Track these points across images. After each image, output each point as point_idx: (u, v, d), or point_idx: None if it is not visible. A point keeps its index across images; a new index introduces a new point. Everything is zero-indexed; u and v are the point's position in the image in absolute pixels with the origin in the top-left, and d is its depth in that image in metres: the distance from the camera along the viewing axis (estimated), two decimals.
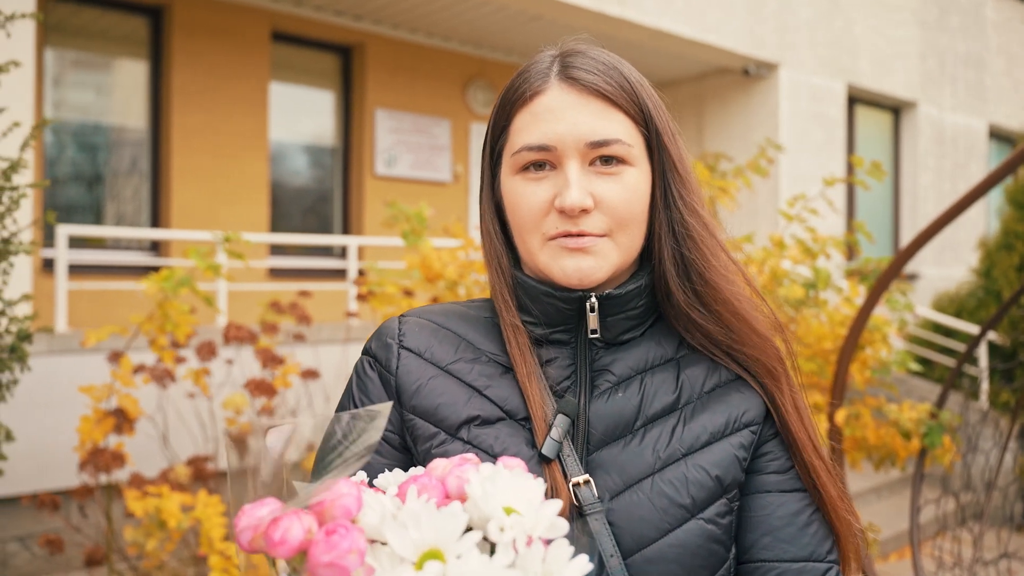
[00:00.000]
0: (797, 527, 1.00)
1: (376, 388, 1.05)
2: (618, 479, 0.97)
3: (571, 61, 1.01)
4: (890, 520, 5.71)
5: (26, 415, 4.25)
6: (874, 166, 3.91)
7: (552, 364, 1.03)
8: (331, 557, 0.66)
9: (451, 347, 1.05)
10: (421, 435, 1.00)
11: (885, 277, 3.15)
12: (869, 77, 9.39)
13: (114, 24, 6.88)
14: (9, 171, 2.25)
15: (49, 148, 6.64)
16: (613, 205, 0.99)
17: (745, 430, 1.01)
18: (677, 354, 1.05)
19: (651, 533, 0.95)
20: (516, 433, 0.99)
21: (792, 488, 1.01)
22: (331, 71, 8.02)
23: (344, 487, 0.72)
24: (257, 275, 7.08)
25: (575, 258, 0.99)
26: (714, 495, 0.97)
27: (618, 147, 0.99)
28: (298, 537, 0.68)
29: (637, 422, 1.00)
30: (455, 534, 0.68)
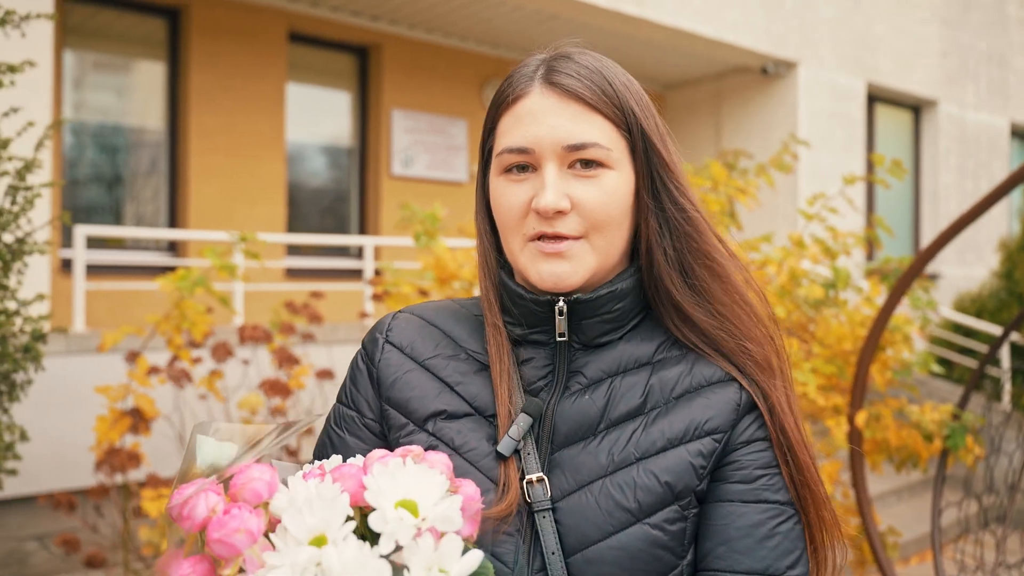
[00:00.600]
0: (755, 539, 0.99)
1: (363, 379, 1.11)
2: (571, 479, 0.99)
3: (555, 66, 1.04)
4: (911, 523, 5.64)
5: (44, 415, 4.27)
6: (894, 164, 3.86)
7: (529, 364, 1.06)
8: (220, 535, 0.74)
9: (432, 343, 1.10)
10: (393, 424, 1.06)
11: (907, 276, 3.10)
12: (889, 75, 9.31)
13: (132, 25, 6.92)
14: (23, 171, 2.25)
15: (69, 149, 6.68)
16: (590, 207, 1.00)
17: (707, 438, 1.01)
18: (654, 358, 1.06)
19: (594, 534, 0.96)
20: (480, 429, 1.02)
21: (756, 499, 1.00)
22: (348, 71, 8.03)
23: (257, 471, 0.79)
24: (274, 275, 7.09)
25: (550, 263, 1.01)
26: (663, 501, 0.98)
27: (596, 151, 1.00)
28: (202, 514, 0.76)
29: (600, 425, 1.02)
30: (338, 521, 0.74)
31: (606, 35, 7.68)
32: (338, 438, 1.10)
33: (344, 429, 1.10)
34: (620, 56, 4.24)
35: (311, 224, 7.84)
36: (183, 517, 0.76)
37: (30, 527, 4.37)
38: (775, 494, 1.01)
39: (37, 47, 4.54)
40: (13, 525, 4.36)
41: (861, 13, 8.99)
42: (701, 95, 9.31)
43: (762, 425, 1.03)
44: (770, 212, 7.53)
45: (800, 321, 3.73)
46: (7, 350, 2.27)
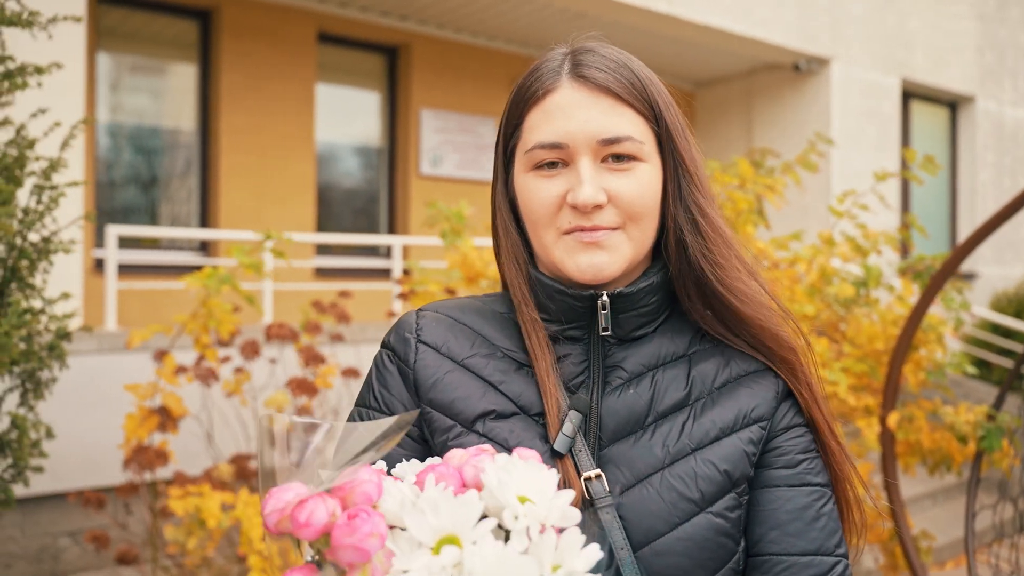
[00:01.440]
0: (805, 521, 1.02)
1: (395, 381, 1.08)
2: (628, 474, 1.00)
3: (582, 59, 1.03)
4: (946, 526, 5.55)
5: (75, 413, 4.32)
6: (927, 160, 3.79)
7: (565, 360, 1.06)
8: (353, 540, 0.69)
9: (467, 342, 1.08)
10: (438, 427, 1.03)
11: (940, 275, 3.04)
12: (925, 71, 9.16)
13: (164, 28, 6.99)
14: (49, 170, 2.27)
15: (105, 151, 6.77)
16: (627, 200, 1.01)
17: (754, 425, 1.03)
18: (689, 350, 1.07)
19: (660, 526, 0.97)
20: (530, 428, 1.01)
21: (800, 483, 1.03)
22: (377, 71, 8.06)
23: (365, 474, 0.75)
24: (303, 275, 7.14)
25: (589, 253, 1.01)
26: (723, 489, 1.00)
27: (629, 144, 1.01)
28: (322, 520, 0.71)
29: (648, 418, 1.02)
30: (471, 521, 0.71)
31: (635, 32, 7.64)
32: None
33: None
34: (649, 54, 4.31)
35: (340, 224, 7.88)
36: (299, 524, 0.71)
37: (62, 523, 4.43)
38: (816, 476, 1.05)
39: (69, 49, 4.60)
40: (46, 521, 4.42)
41: (894, 8, 8.86)
42: (732, 93, 9.22)
43: (799, 411, 1.07)
44: (801, 210, 7.43)
45: (831, 320, 3.68)
46: (32, 348, 2.29)
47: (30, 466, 2.41)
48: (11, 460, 2.37)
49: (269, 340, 3.36)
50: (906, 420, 3.33)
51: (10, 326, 2.02)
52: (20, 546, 4.36)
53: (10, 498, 2.37)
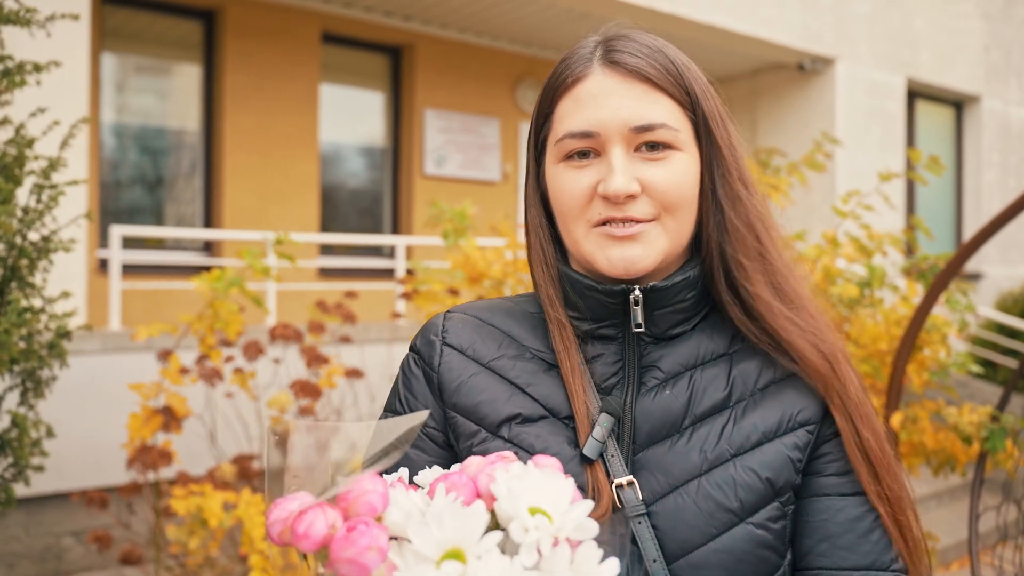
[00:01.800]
0: (857, 533, 0.94)
1: (420, 385, 1.04)
2: (663, 481, 0.93)
3: (614, 45, 0.99)
4: (951, 527, 5.52)
5: (80, 412, 4.33)
6: (932, 160, 3.77)
7: (598, 361, 1.00)
8: (350, 553, 0.67)
9: (494, 343, 1.03)
10: (463, 432, 0.99)
11: (944, 275, 3.03)
12: (930, 71, 9.13)
13: (169, 28, 7.00)
14: (48, 169, 2.27)
15: (109, 151, 6.78)
16: (661, 189, 0.95)
17: (800, 429, 0.96)
18: (730, 349, 1.00)
19: (696, 538, 0.91)
20: (558, 432, 0.96)
21: (853, 491, 0.96)
22: (380, 71, 8.06)
23: (369, 483, 0.72)
24: (307, 275, 7.14)
25: (621, 247, 0.95)
26: (765, 498, 0.93)
27: (663, 132, 0.95)
28: (321, 532, 0.68)
29: (685, 421, 0.96)
30: (476, 534, 0.67)
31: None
32: None
33: None
34: None
35: (344, 224, 7.88)
36: (299, 536, 0.69)
37: (67, 523, 4.43)
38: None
39: (72, 49, 4.61)
40: (50, 521, 4.43)
41: (899, 8, 8.83)
42: (736, 93, 9.21)
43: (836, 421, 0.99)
44: (806, 210, 7.42)
45: (835, 320, 3.67)
46: (32, 347, 2.29)
47: (31, 465, 2.41)
48: (12, 459, 2.37)
49: (273, 341, 3.36)
50: (910, 421, 3.31)
51: (9, 324, 2.02)
52: (24, 545, 4.36)
53: (11, 497, 2.37)
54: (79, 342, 4.42)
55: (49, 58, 2.43)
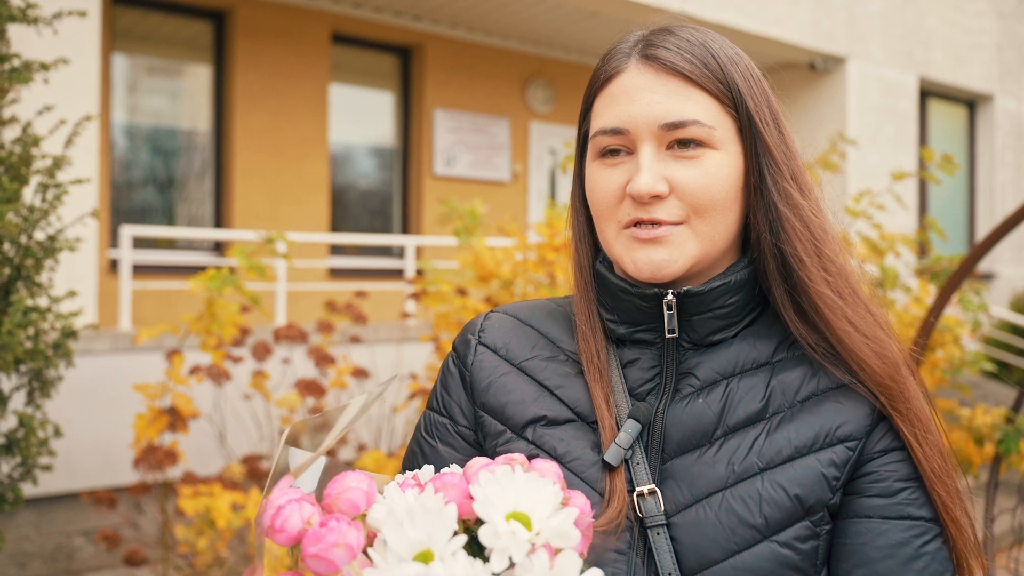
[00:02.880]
0: (899, 560, 0.87)
1: (455, 383, 1.03)
2: (687, 492, 0.90)
3: (654, 40, 0.95)
4: None
5: (90, 412, 4.34)
6: (945, 159, 3.74)
7: (634, 365, 0.97)
8: (317, 549, 0.67)
9: (528, 344, 1.01)
10: (489, 432, 0.98)
11: (956, 276, 3.00)
12: (943, 69, 9.07)
13: (179, 29, 7.02)
14: (53, 168, 2.27)
15: (120, 151, 6.80)
16: (690, 191, 0.91)
17: (840, 445, 0.90)
18: (773, 358, 0.96)
19: (716, 553, 0.87)
20: (583, 436, 0.94)
21: (899, 515, 0.89)
22: (390, 72, 8.06)
23: (353, 480, 0.72)
24: (317, 275, 7.15)
25: (647, 250, 0.92)
26: (792, 516, 0.88)
27: (696, 129, 0.91)
28: (296, 526, 0.69)
29: (717, 431, 0.92)
30: (445, 536, 0.66)
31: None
32: (430, 447, 1.01)
33: (436, 438, 1.01)
34: None
35: (354, 224, 7.88)
36: (275, 530, 0.69)
37: (77, 522, 4.44)
38: (919, 509, 0.90)
39: (82, 49, 4.62)
40: (61, 520, 4.44)
41: (912, 6, 8.78)
42: None
43: (900, 433, 0.92)
44: None
45: None
46: (38, 347, 2.29)
47: (39, 465, 2.41)
48: (19, 459, 2.37)
49: (278, 341, 3.36)
50: None
51: (14, 324, 2.02)
52: (35, 545, 4.38)
53: (19, 497, 2.37)
54: (89, 342, 4.43)
55: (63, 57, 2.43)
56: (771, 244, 0.94)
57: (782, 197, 0.94)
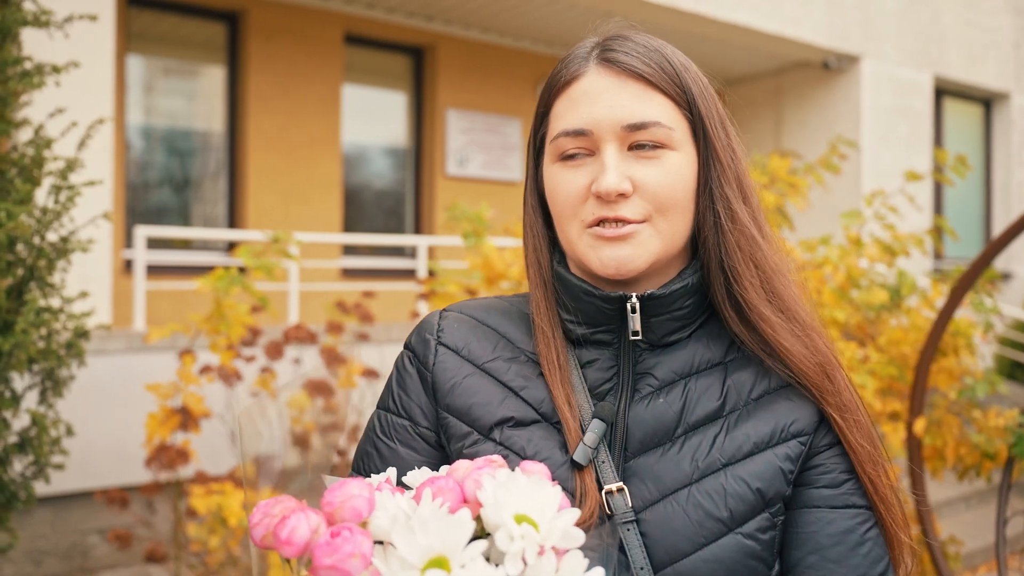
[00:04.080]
0: (847, 546, 0.94)
1: (414, 384, 1.03)
2: (654, 488, 0.93)
3: (610, 44, 0.99)
4: (980, 531, 5.45)
5: (105, 411, 4.37)
6: (958, 160, 3.72)
7: (593, 366, 1.00)
8: (333, 560, 0.66)
9: (489, 345, 1.03)
10: (454, 434, 0.98)
11: (967, 277, 2.98)
12: (958, 68, 9.01)
13: (193, 30, 7.06)
14: (66, 170, 2.30)
15: (135, 152, 6.85)
16: (653, 189, 0.95)
17: (793, 440, 0.96)
18: (726, 358, 1.00)
19: (685, 546, 0.91)
20: (550, 436, 0.96)
21: (844, 504, 0.96)
22: (403, 72, 8.08)
23: (356, 488, 0.71)
24: (330, 275, 7.17)
25: (612, 247, 0.95)
26: (755, 509, 0.93)
27: (657, 130, 0.95)
28: (304, 537, 0.68)
29: (678, 429, 0.96)
30: (461, 542, 0.66)
31: (661, 31, 7.50)
32: (388, 449, 1.01)
33: (396, 440, 1.01)
34: None
35: (367, 224, 7.90)
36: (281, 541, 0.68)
37: (92, 521, 4.48)
38: (862, 498, 0.97)
39: (96, 51, 4.65)
40: (75, 518, 4.48)
41: (927, 4, 8.72)
42: (761, 91, 9.13)
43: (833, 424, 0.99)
44: (830, 212, 7.33)
45: (859, 324, 3.62)
46: (51, 347, 2.32)
47: (51, 464, 2.43)
48: (32, 457, 2.40)
49: (287, 342, 3.38)
50: (934, 425, 3.27)
51: (27, 324, 2.04)
52: (50, 543, 4.42)
53: (31, 495, 2.40)
54: (104, 342, 4.47)
55: (75, 60, 2.45)
56: (714, 247, 0.98)
57: (724, 201, 0.98)
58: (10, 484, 2.33)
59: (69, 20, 2.25)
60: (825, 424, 0.98)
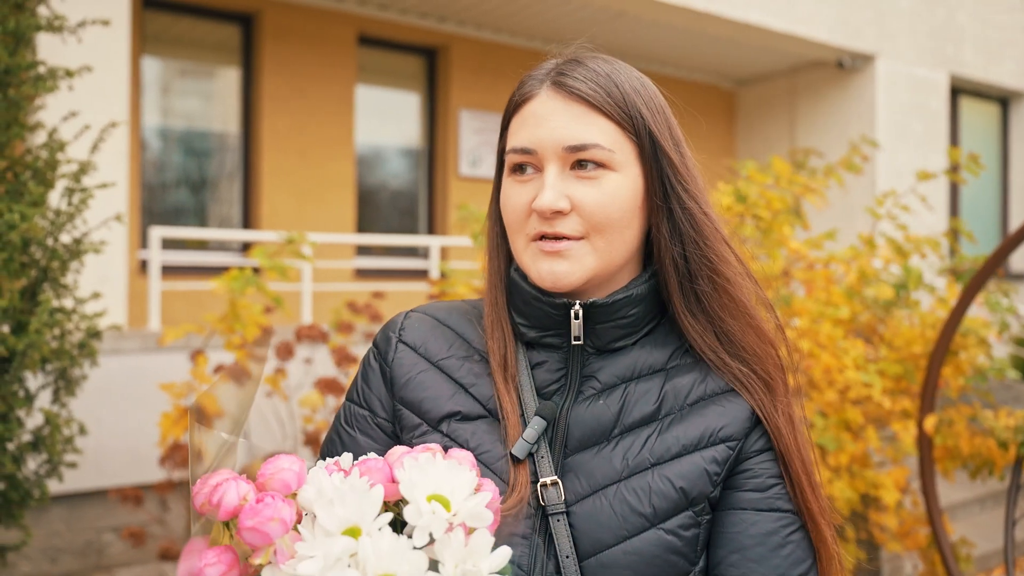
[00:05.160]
0: (768, 547, 0.99)
1: (375, 377, 1.10)
2: (586, 484, 0.99)
3: (564, 69, 1.04)
4: (993, 532, 5.42)
5: (120, 410, 4.41)
6: (971, 159, 3.70)
7: (542, 367, 1.06)
8: (254, 523, 0.73)
9: (445, 343, 1.10)
10: (407, 425, 1.05)
11: (980, 275, 2.97)
12: (974, 66, 8.95)
13: (208, 32, 7.11)
14: (79, 173, 2.33)
15: (151, 154, 6.91)
16: (589, 209, 1.00)
17: (721, 445, 1.01)
18: (667, 364, 1.06)
19: (608, 539, 0.97)
20: (494, 431, 1.02)
21: (769, 508, 1.01)
22: (416, 73, 8.10)
23: (286, 462, 0.79)
24: (344, 275, 7.21)
25: (549, 261, 1.01)
26: (678, 507, 0.98)
27: (596, 152, 1.00)
28: (233, 502, 0.75)
29: (614, 430, 1.02)
30: (372, 513, 0.74)
31: (674, 31, 7.57)
32: (349, 437, 1.09)
33: (356, 428, 1.09)
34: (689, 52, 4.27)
35: (381, 224, 7.94)
36: (212, 504, 0.75)
37: (107, 519, 4.53)
38: (787, 503, 1.02)
39: (112, 54, 4.70)
40: (91, 516, 4.52)
41: (942, 2, 8.67)
42: (774, 91, 9.10)
43: (772, 431, 1.04)
44: (845, 211, 7.31)
45: (869, 322, 3.61)
46: (63, 347, 2.35)
47: (64, 462, 2.47)
48: (45, 456, 2.43)
49: (299, 341, 3.40)
50: (945, 424, 3.25)
51: (41, 324, 2.08)
52: (66, 540, 4.46)
53: (45, 493, 2.43)
54: (119, 342, 4.51)
55: (90, 63, 2.48)
56: (673, 256, 1.04)
57: (683, 216, 1.04)
58: (24, 482, 2.37)
59: (82, 25, 2.29)
60: (756, 431, 1.03)
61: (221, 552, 0.77)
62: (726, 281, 1.04)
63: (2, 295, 2.04)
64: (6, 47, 2.12)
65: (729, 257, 1.05)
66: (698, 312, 1.05)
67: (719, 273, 1.04)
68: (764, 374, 1.04)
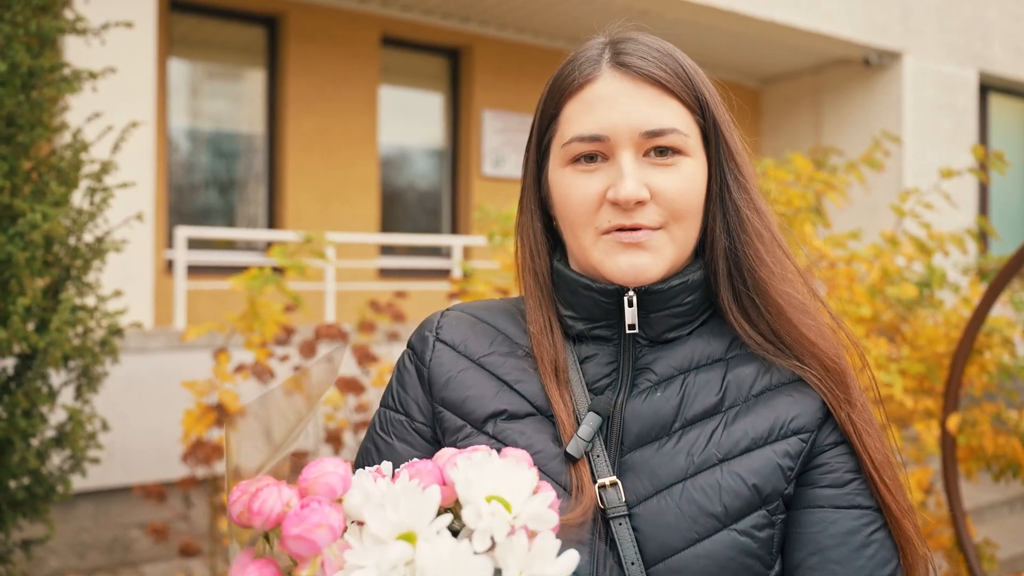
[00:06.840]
0: (851, 547, 0.91)
1: (412, 380, 1.04)
2: (648, 483, 0.92)
3: (623, 47, 0.98)
4: (1023, 535, 5.34)
5: (145, 408, 4.47)
6: (995, 157, 3.66)
7: (591, 361, 0.99)
8: (299, 530, 0.67)
9: (487, 340, 1.03)
10: (449, 427, 0.99)
11: (1004, 274, 2.93)
12: (1004, 63, 8.82)
13: (233, 35, 7.18)
14: (101, 173, 2.37)
15: (177, 155, 6.99)
16: (670, 197, 0.94)
17: (793, 437, 0.93)
18: (727, 354, 0.99)
19: (677, 542, 0.89)
20: (544, 429, 0.95)
21: (849, 504, 0.93)
22: (439, 74, 8.13)
23: (330, 465, 0.72)
24: (367, 275, 7.25)
25: (630, 254, 0.94)
26: (751, 505, 0.91)
27: (674, 137, 0.94)
28: (275, 509, 0.69)
29: (675, 424, 0.94)
30: (428, 517, 0.67)
31: (698, 29, 7.54)
32: (385, 444, 1.02)
33: (392, 434, 1.02)
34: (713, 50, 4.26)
35: (405, 225, 7.97)
36: (253, 513, 0.69)
37: (132, 515, 4.59)
38: (868, 499, 0.94)
39: (138, 56, 4.76)
40: (117, 512, 4.59)
41: None
42: (800, 89, 9.03)
43: (845, 425, 0.97)
44: (870, 209, 7.24)
45: (892, 321, 3.58)
46: (86, 344, 2.39)
47: (87, 458, 2.51)
48: (69, 452, 2.47)
49: (319, 340, 3.43)
50: (968, 424, 3.22)
51: (62, 322, 2.11)
52: (93, 536, 4.53)
53: (68, 489, 2.47)
54: (144, 340, 4.57)
55: (115, 65, 2.52)
56: (727, 247, 0.98)
57: (744, 201, 0.98)
58: (48, 477, 2.41)
59: (106, 28, 2.32)
60: (831, 422, 0.96)
61: (262, 566, 0.70)
62: (774, 276, 0.97)
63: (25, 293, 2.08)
64: (30, 49, 2.16)
65: (778, 250, 0.99)
66: (749, 307, 0.98)
67: (766, 266, 0.97)
68: (820, 374, 0.96)
